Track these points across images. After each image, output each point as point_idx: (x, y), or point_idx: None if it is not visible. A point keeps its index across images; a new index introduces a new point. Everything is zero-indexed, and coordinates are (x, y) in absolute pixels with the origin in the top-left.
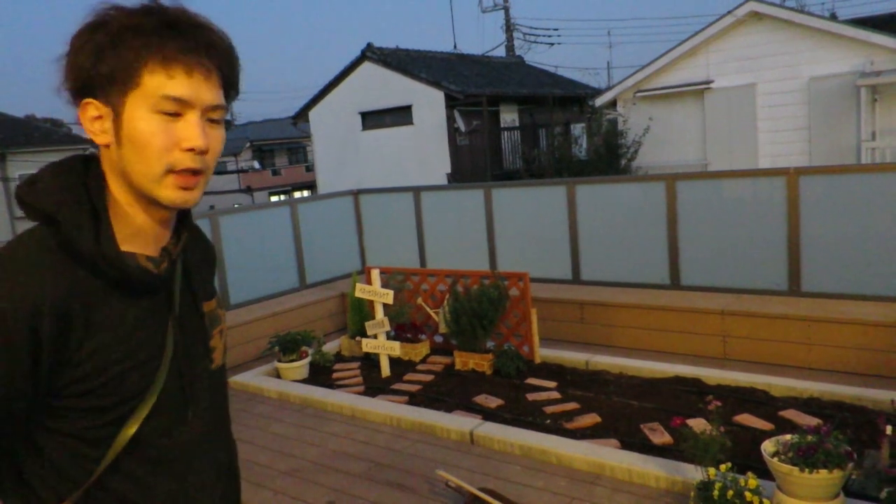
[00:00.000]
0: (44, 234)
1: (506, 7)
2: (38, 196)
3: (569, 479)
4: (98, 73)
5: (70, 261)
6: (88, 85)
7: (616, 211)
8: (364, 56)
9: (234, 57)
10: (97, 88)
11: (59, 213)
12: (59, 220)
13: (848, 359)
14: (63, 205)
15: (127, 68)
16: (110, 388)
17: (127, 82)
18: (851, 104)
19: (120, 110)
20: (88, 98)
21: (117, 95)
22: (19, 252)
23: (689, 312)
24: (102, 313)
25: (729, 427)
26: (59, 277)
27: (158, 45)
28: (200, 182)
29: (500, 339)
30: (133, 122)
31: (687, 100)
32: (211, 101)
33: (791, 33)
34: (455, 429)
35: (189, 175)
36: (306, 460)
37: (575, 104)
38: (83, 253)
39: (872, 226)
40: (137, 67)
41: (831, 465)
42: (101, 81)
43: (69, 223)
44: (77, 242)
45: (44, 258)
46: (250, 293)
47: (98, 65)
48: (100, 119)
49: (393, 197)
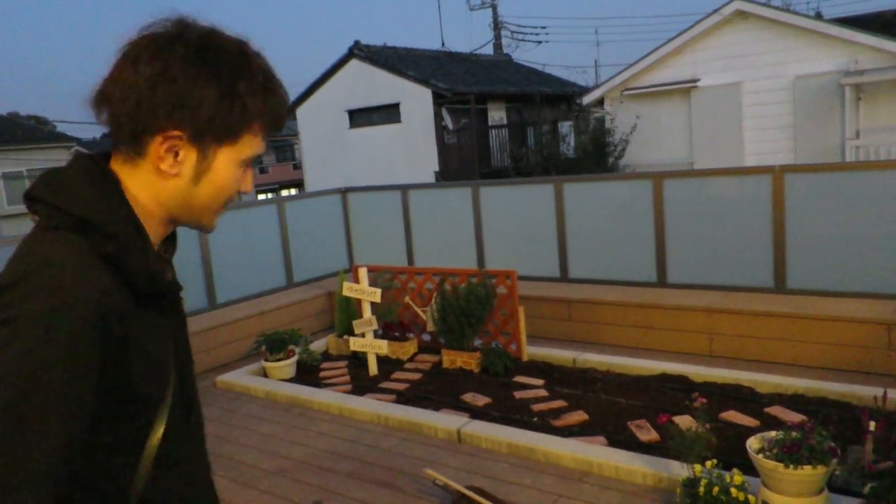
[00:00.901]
0: (78, 241)
1: (493, 5)
2: (73, 199)
3: (556, 477)
4: (212, 119)
5: (109, 268)
6: (189, 121)
7: (603, 209)
8: (351, 54)
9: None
10: (195, 127)
11: (109, 224)
12: (111, 232)
13: (832, 355)
14: (109, 214)
15: (234, 126)
16: (138, 394)
17: (231, 137)
18: (836, 103)
19: (210, 156)
20: (179, 130)
21: (212, 142)
22: (65, 254)
23: (675, 310)
24: (139, 324)
25: (715, 424)
26: (114, 288)
27: (261, 112)
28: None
29: (487, 337)
30: (221, 171)
31: (674, 98)
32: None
33: (776, 32)
34: (442, 427)
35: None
36: (293, 459)
37: (563, 102)
38: (133, 269)
39: (856, 223)
40: (242, 128)
41: (815, 461)
42: (208, 126)
43: (123, 235)
44: (129, 257)
45: (92, 262)
46: (237, 292)
47: (219, 115)
48: (179, 156)
49: (381, 195)
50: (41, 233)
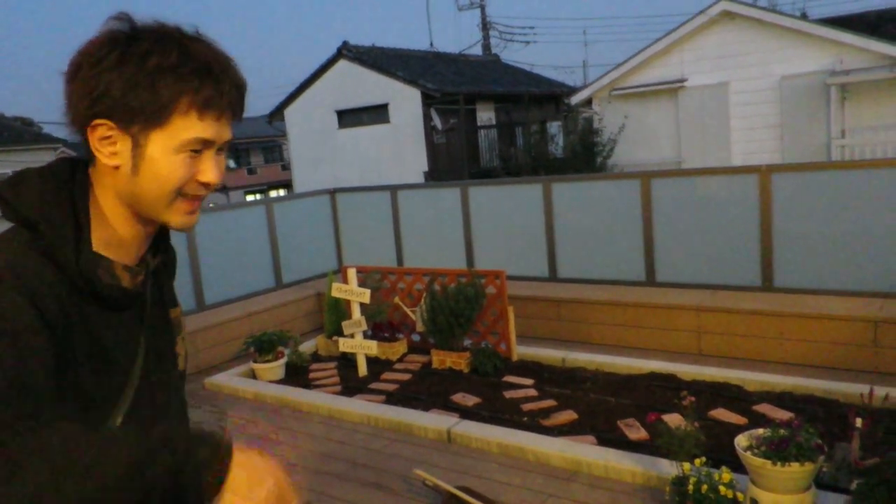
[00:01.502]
0: (26, 237)
1: (482, 5)
2: (22, 199)
3: (546, 476)
4: (126, 104)
5: (49, 262)
6: (109, 111)
7: (592, 209)
8: (340, 54)
9: (246, 92)
10: (117, 115)
11: (42, 222)
12: (42, 230)
13: (819, 353)
14: (46, 213)
15: (159, 108)
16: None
17: (155, 120)
18: (822, 102)
19: (142, 143)
20: (102, 119)
21: (140, 128)
22: (7, 243)
23: (664, 309)
24: (86, 319)
25: (704, 422)
26: (51, 278)
27: (194, 92)
28: (200, 206)
29: (477, 337)
30: (157, 158)
31: (661, 98)
32: (227, 138)
33: (762, 32)
34: (432, 427)
35: (195, 201)
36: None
37: (551, 102)
38: (61, 262)
39: (842, 222)
40: (169, 109)
41: (803, 458)
42: (125, 111)
43: (51, 234)
44: (58, 254)
45: (30, 253)
46: (225, 293)
47: (128, 97)
48: (109, 140)
49: (370, 196)
50: (9, 227)
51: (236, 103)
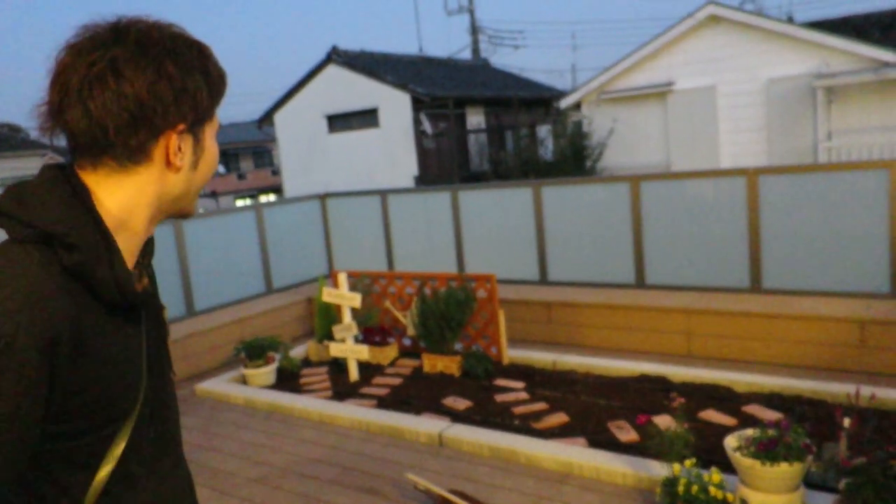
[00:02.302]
0: (42, 254)
1: (471, 10)
2: (37, 212)
3: (537, 479)
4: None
5: (74, 282)
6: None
7: (582, 212)
8: (329, 59)
9: None
10: (189, 115)
11: (72, 235)
12: (74, 243)
13: (807, 354)
14: (73, 225)
15: (214, 103)
16: (106, 404)
17: (208, 116)
18: (808, 105)
19: (202, 138)
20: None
21: (200, 126)
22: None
23: (654, 311)
24: (103, 333)
25: (694, 423)
26: (70, 302)
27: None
28: None
29: (468, 341)
30: (210, 148)
31: (650, 101)
32: None
33: (749, 36)
34: (424, 431)
35: None
36: (274, 467)
37: (540, 106)
38: (98, 279)
39: (829, 223)
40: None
41: (791, 458)
42: (200, 112)
43: (85, 246)
44: (94, 267)
45: (52, 280)
46: (215, 299)
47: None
48: (181, 147)
49: (360, 200)
50: (8, 245)
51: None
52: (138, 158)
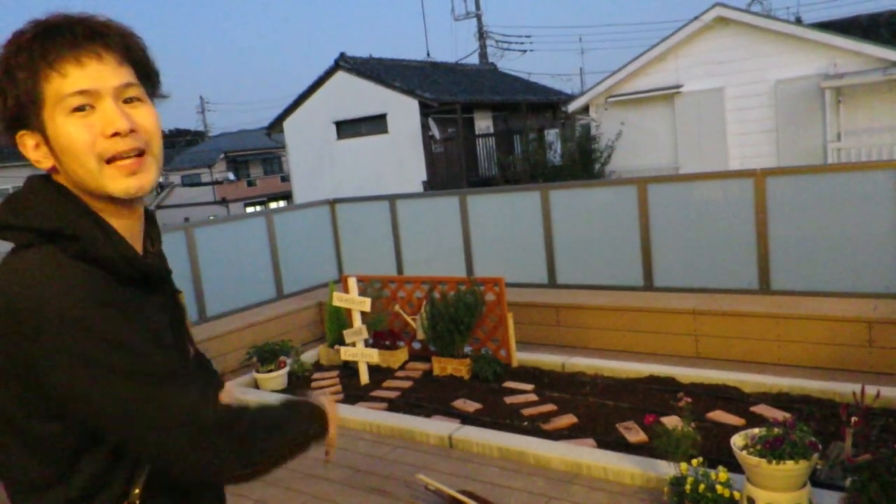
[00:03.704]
0: (51, 251)
1: (478, 15)
2: (34, 217)
3: (546, 480)
4: (11, 107)
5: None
6: (12, 121)
7: (590, 215)
8: (337, 66)
9: (128, 35)
10: (20, 121)
11: (69, 228)
12: (73, 234)
13: (815, 354)
14: (68, 219)
15: (27, 90)
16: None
17: (34, 102)
18: (817, 106)
19: (44, 129)
20: (21, 130)
21: (35, 118)
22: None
23: (662, 313)
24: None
25: (702, 423)
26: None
27: (40, 52)
28: (147, 163)
29: (477, 343)
30: (58, 133)
31: (658, 104)
32: (116, 83)
33: (757, 37)
34: (434, 433)
35: (128, 159)
36: (286, 469)
37: (548, 110)
38: (106, 258)
39: (837, 224)
40: (33, 83)
41: (797, 456)
42: (17, 114)
43: (84, 234)
44: (97, 249)
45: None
46: (227, 305)
47: (6, 101)
48: (37, 147)
49: (369, 205)
50: (19, 252)
51: (103, 45)
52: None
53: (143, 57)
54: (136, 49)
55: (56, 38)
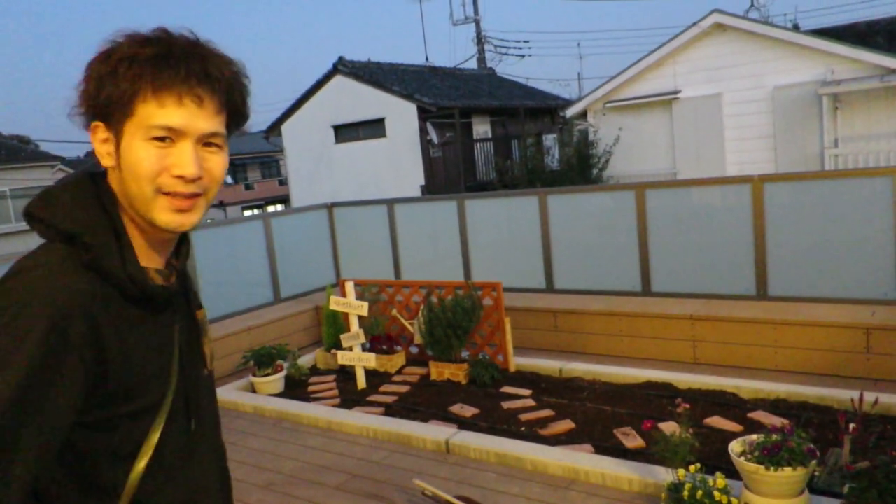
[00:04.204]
0: (66, 252)
1: (476, 20)
2: (58, 215)
3: (544, 485)
4: (100, 101)
5: (97, 277)
6: (95, 111)
7: (588, 220)
8: (336, 69)
9: (237, 83)
10: (102, 115)
11: (87, 235)
12: (88, 242)
13: (813, 360)
14: (88, 225)
15: (122, 98)
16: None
17: (123, 111)
18: (814, 112)
19: (119, 137)
20: (97, 121)
21: (117, 123)
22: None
23: (660, 318)
24: (127, 325)
25: (699, 429)
26: (86, 290)
27: (151, 76)
28: (199, 204)
29: (474, 348)
30: (129, 149)
31: (655, 110)
32: (205, 129)
33: (755, 44)
34: (431, 438)
35: (182, 199)
36: (283, 474)
37: (546, 115)
38: (111, 274)
39: (835, 230)
40: (131, 97)
41: (795, 462)
42: (103, 109)
43: (98, 245)
44: (106, 264)
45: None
46: (224, 308)
47: (100, 93)
48: (107, 142)
49: (367, 209)
50: (41, 245)
51: (208, 90)
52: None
53: (242, 104)
54: (239, 96)
55: (170, 67)
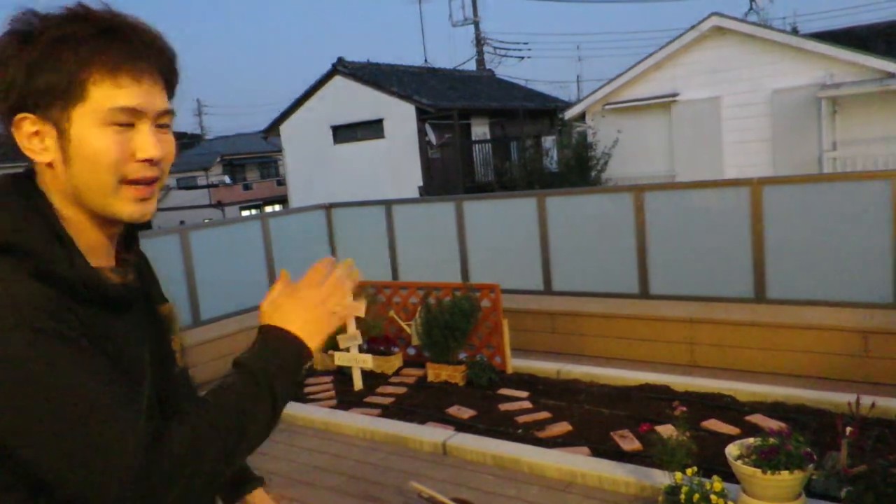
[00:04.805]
0: (7, 264)
1: (476, 22)
2: None
3: (541, 488)
4: (33, 89)
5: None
6: (20, 102)
7: (586, 222)
8: (335, 70)
9: (175, 57)
10: (32, 104)
11: (26, 242)
12: (28, 250)
13: (811, 363)
14: (24, 232)
15: (69, 82)
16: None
17: (70, 97)
18: (813, 116)
19: (65, 126)
20: (23, 113)
21: (59, 111)
22: None
23: (657, 321)
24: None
25: (697, 432)
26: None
27: (100, 54)
28: (155, 192)
29: (472, 350)
30: (83, 138)
31: (654, 112)
32: (161, 107)
33: (754, 47)
34: (428, 440)
35: (144, 186)
36: (279, 475)
37: (545, 117)
38: (63, 279)
39: (833, 234)
40: (81, 80)
41: (792, 466)
42: (37, 97)
43: (40, 251)
44: (54, 270)
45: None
46: (221, 309)
47: (32, 80)
48: (37, 135)
49: (365, 210)
50: None
51: (159, 65)
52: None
53: (176, 81)
54: (175, 72)
55: (118, 43)
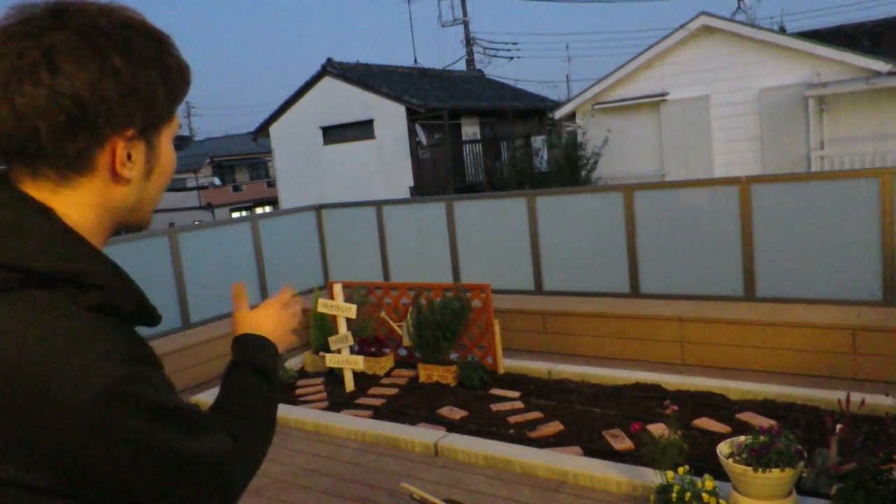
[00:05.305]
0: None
1: (465, 22)
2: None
3: (532, 488)
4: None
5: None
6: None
7: (576, 222)
8: (324, 71)
9: None
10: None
11: (94, 274)
12: (98, 283)
13: (800, 361)
14: (87, 261)
15: (173, 104)
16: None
17: (168, 117)
18: (800, 114)
19: (156, 144)
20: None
21: (156, 130)
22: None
23: (648, 320)
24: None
25: (688, 431)
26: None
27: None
28: None
29: (463, 350)
30: (167, 155)
31: (644, 112)
32: None
33: (742, 46)
34: (419, 441)
35: None
36: (270, 478)
37: (535, 117)
38: (125, 308)
39: (821, 232)
40: (176, 103)
41: (783, 464)
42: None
43: (108, 282)
44: (119, 302)
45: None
46: (211, 311)
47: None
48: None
49: (355, 211)
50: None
51: None
52: (79, 168)
53: None
54: None
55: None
